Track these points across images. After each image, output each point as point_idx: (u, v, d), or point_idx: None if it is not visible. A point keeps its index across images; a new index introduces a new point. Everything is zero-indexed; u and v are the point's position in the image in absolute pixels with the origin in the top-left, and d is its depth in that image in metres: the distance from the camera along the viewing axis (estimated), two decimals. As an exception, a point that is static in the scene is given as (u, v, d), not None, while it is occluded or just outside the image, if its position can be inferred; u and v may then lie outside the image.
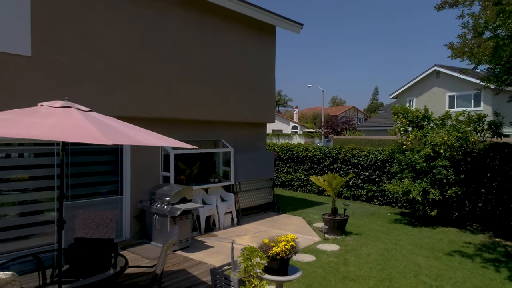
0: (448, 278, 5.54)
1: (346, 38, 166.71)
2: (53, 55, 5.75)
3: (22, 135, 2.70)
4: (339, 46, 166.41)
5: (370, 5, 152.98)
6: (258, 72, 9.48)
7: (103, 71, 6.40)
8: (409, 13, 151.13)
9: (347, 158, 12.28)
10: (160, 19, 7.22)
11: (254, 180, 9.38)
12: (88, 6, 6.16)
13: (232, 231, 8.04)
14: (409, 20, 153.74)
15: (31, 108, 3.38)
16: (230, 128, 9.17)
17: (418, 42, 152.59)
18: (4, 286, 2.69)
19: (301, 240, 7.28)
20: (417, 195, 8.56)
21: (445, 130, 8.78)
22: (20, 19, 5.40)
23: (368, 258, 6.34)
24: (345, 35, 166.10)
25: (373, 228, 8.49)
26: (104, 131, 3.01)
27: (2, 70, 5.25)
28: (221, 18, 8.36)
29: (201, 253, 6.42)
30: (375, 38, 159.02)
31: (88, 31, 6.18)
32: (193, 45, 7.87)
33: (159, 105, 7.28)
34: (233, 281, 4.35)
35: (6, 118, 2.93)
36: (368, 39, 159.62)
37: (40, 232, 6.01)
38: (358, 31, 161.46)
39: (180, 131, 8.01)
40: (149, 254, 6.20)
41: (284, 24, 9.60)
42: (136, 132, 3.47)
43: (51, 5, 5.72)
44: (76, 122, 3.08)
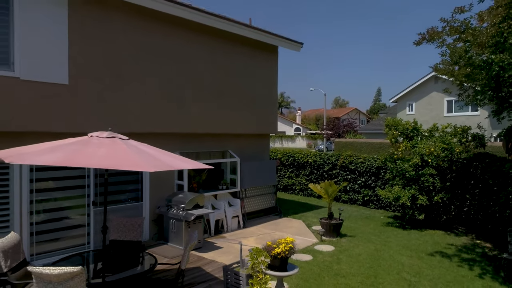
0: (426, 275, 6.42)
1: (347, 38, 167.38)
2: (85, 83, 6.69)
3: (86, 164, 3.62)
4: (339, 46, 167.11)
5: (370, 5, 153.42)
6: (261, 87, 10.38)
7: (125, 94, 7.32)
8: (409, 12, 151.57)
9: (345, 165, 13.14)
10: (175, 47, 8.14)
11: (258, 187, 10.28)
12: (110, 43, 7.08)
13: (239, 233, 8.95)
14: (410, 19, 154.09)
15: (85, 138, 4.29)
16: (237, 139, 10.07)
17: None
18: (75, 277, 3.61)
19: (300, 242, 8.21)
20: (406, 200, 9.44)
21: (432, 142, 9.64)
22: (60, 55, 6.34)
23: (358, 258, 7.22)
24: (345, 35, 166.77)
25: (366, 230, 9.37)
26: (145, 159, 3.92)
27: (50, 97, 6.20)
28: (229, 41, 9.27)
29: (212, 253, 7.33)
30: (376, 38, 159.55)
31: (113, 61, 7.11)
32: (204, 65, 8.78)
33: (173, 121, 8.20)
34: (241, 277, 5.26)
35: (72, 149, 3.84)
36: (369, 39, 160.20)
37: (75, 234, 6.94)
38: (358, 31, 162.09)
39: (192, 143, 8.93)
40: (167, 254, 7.12)
41: (285, 44, 10.50)
42: (167, 157, 4.37)
43: (82, 42, 6.65)
44: (122, 152, 3.99)
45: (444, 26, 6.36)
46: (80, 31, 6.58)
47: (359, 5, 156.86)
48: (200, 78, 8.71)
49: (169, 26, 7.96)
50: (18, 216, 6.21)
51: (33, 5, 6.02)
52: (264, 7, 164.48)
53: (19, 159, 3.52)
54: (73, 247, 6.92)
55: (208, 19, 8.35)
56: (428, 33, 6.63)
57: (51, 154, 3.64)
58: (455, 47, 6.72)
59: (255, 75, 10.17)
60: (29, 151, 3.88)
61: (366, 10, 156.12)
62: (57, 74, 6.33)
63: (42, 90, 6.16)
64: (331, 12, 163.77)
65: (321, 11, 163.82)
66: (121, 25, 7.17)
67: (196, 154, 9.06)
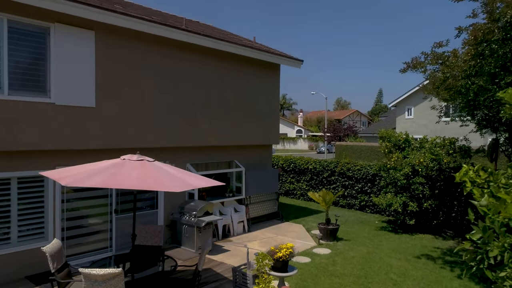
0: (411, 275, 7.25)
1: (347, 38, 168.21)
2: (109, 105, 7.57)
3: (124, 186, 4.48)
4: (340, 45, 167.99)
5: (370, 4, 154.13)
6: (264, 102, 11.24)
7: (143, 113, 8.19)
8: (410, 11, 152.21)
9: (343, 171, 13.97)
10: (186, 69, 9.01)
11: (262, 194, 11.14)
12: (130, 68, 7.96)
13: (244, 237, 9.80)
14: (410, 18, 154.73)
15: (119, 161, 5.14)
16: (242, 150, 10.92)
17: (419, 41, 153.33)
18: (116, 277, 4.47)
19: (300, 245, 9.06)
20: (398, 207, 10.27)
21: (422, 153, 10.47)
22: (88, 82, 7.22)
23: (352, 260, 8.07)
24: (346, 34, 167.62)
25: (361, 234, 10.21)
26: (170, 180, 4.78)
27: (80, 118, 7.08)
28: (234, 61, 10.13)
29: (221, 255, 8.18)
30: (376, 37, 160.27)
31: (132, 83, 7.98)
32: (212, 83, 9.63)
33: (185, 136, 9.06)
34: (248, 277, 6.11)
35: (111, 172, 4.70)
36: (369, 39, 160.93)
37: (99, 239, 7.82)
38: (359, 31, 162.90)
39: (202, 155, 9.79)
40: (181, 256, 7.99)
41: (287, 62, 11.37)
42: (187, 176, 5.23)
43: (106, 69, 7.52)
44: (151, 174, 4.85)
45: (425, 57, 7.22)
46: (104, 59, 7.45)
47: (360, 4, 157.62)
48: (209, 96, 9.57)
49: (182, 50, 8.82)
50: (52, 223, 7.09)
51: (66, 39, 6.89)
52: (264, 7, 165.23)
53: (74, 182, 4.38)
54: (97, 250, 7.80)
55: (217, 44, 9.21)
56: (412, 63, 7.48)
57: (97, 177, 4.50)
58: (435, 76, 7.55)
59: (259, 90, 11.02)
60: (76, 173, 4.75)
61: (367, 9, 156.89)
62: (85, 98, 7.20)
63: (73, 113, 7.04)
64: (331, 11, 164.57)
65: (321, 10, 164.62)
66: (140, 52, 8.04)
67: (205, 165, 9.93)
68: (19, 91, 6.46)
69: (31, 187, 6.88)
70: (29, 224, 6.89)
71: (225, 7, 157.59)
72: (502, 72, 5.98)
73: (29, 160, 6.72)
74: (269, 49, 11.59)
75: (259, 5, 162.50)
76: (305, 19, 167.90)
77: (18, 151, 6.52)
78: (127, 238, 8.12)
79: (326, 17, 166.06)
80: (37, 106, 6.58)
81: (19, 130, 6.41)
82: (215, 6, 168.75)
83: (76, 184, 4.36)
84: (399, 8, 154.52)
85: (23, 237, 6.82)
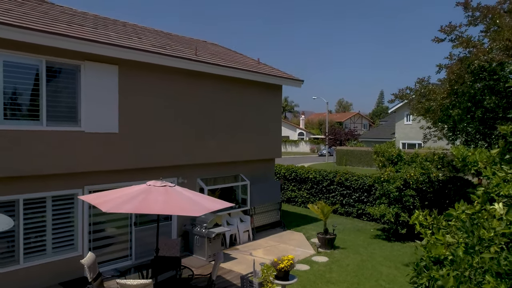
0: (399, 282, 8.16)
1: (348, 38, 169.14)
2: (130, 130, 8.51)
3: (153, 211, 5.41)
4: (341, 45, 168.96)
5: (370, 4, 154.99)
6: (268, 119, 12.16)
7: (157, 134, 9.13)
8: (410, 11, 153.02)
9: (341, 181, 14.88)
10: (197, 93, 9.94)
11: (265, 204, 12.06)
12: (147, 95, 8.90)
13: (249, 245, 10.73)
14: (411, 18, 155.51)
15: (146, 187, 6.06)
16: (247, 164, 11.85)
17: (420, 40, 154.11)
18: (146, 286, 5.40)
19: (300, 253, 9.98)
20: (391, 217, 11.17)
21: (412, 167, 11.37)
22: (112, 110, 8.17)
23: (347, 268, 8.98)
24: (346, 34, 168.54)
25: (357, 243, 11.11)
26: (190, 205, 5.70)
27: (105, 143, 8.03)
28: (240, 84, 11.06)
29: (229, 263, 9.11)
30: (377, 37, 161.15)
31: (148, 108, 8.92)
32: (220, 105, 10.56)
33: (197, 155, 9.99)
34: (255, 284, 7.03)
35: (142, 198, 5.62)
36: (370, 38, 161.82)
37: (120, 248, 8.77)
38: (359, 30, 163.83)
39: (210, 171, 10.72)
40: (193, 264, 8.92)
41: (288, 82, 12.30)
42: (203, 199, 6.15)
43: (127, 98, 8.47)
44: (173, 199, 5.77)
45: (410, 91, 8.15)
46: (126, 89, 8.39)
47: (360, 3, 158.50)
48: (216, 117, 10.49)
49: (193, 77, 9.75)
50: (81, 235, 8.04)
51: (94, 74, 7.84)
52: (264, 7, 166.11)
53: (112, 208, 5.30)
54: (119, 258, 8.75)
55: (224, 70, 10.14)
56: (399, 94, 8.40)
57: (131, 203, 5.43)
58: (419, 107, 8.47)
59: (263, 108, 11.94)
60: (111, 198, 5.68)
61: (367, 9, 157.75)
62: (110, 125, 8.15)
63: (99, 139, 7.99)
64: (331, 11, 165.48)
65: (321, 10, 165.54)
66: (156, 80, 8.98)
67: (213, 179, 10.87)
68: (55, 122, 7.42)
69: (63, 204, 7.83)
70: (61, 236, 7.84)
71: (225, 7, 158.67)
72: (473, 108, 6.88)
73: (61, 181, 7.67)
74: (272, 70, 12.52)
75: (260, 5, 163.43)
76: (306, 18, 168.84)
77: (53, 174, 7.47)
78: (145, 247, 9.07)
79: (326, 16, 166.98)
80: (70, 135, 7.53)
81: (54, 156, 7.36)
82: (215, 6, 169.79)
83: (115, 210, 5.29)
84: (400, 8, 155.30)
85: (56, 248, 7.77)
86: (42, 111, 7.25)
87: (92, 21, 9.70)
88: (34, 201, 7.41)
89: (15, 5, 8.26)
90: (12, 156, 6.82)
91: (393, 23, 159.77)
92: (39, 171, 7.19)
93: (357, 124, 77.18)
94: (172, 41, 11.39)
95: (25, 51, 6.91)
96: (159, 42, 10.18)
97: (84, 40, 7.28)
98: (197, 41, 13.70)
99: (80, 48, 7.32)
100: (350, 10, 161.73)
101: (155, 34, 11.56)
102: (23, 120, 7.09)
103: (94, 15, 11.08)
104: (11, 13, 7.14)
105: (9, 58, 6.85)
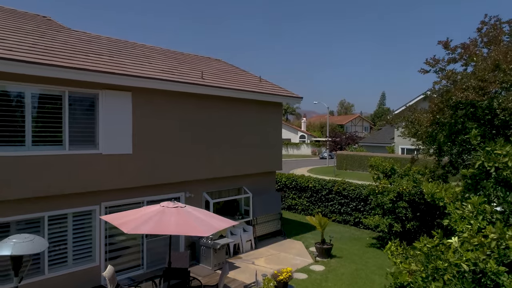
0: (389, 290, 8.89)
1: (348, 37, 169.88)
2: (142, 151, 9.28)
3: (168, 232, 6.16)
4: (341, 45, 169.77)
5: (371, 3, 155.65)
6: (269, 134, 12.91)
7: (167, 153, 9.90)
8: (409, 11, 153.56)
9: (339, 191, 15.61)
10: (203, 113, 10.70)
11: (267, 215, 12.81)
12: (158, 118, 9.67)
13: (251, 254, 11.48)
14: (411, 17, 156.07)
15: (160, 208, 6.82)
16: (249, 177, 12.60)
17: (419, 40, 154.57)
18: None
19: (299, 262, 10.73)
20: (384, 228, 11.90)
21: (405, 180, 12.09)
22: (126, 133, 8.94)
23: (342, 277, 9.72)
24: (347, 34, 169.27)
25: (352, 252, 11.85)
26: (200, 224, 6.46)
27: (120, 164, 8.81)
28: (242, 103, 11.82)
29: (233, 272, 9.86)
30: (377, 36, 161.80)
31: (159, 130, 9.68)
32: (224, 123, 11.31)
33: (202, 170, 10.75)
34: (257, 293, 7.80)
35: (157, 219, 6.37)
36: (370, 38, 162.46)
37: (133, 259, 9.54)
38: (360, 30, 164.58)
39: (215, 185, 11.48)
40: (200, 273, 9.69)
41: (288, 99, 13.05)
42: (212, 219, 6.89)
43: (139, 121, 9.24)
44: (185, 219, 6.53)
45: (398, 117, 8.93)
46: (138, 113, 9.16)
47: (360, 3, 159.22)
48: (221, 134, 11.26)
49: (198, 99, 10.52)
50: (98, 247, 8.81)
51: (110, 101, 8.61)
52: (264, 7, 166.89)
53: (133, 230, 6.06)
54: (132, 267, 9.52)
55: (228, 92, 10.90)
56: (389, 120, 9.16)
57: (148, 224, 6.19)
58: (409, 131, 9.24)
59: (264, 124, 12.70)
60: (131, 219, 6.45)
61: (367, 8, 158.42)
62: (124, 147, 8.92)
63: (115, 160, 8.76)
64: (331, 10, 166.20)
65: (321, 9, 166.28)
66: (165, 103, 9.75)
67: (218, 192, 11.63)
68: (76, 146, 8.20)
69: (82, 219, 8.61)
70: (81, 248, 8.62)
71: (226, 7, 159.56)
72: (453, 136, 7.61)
73: (81, 199, 8.44)
74: (273, 87, 13.27)
75: (261, 4, 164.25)
76: (306, 17, 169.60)
77: (74, 193, 8.24)
78: (155, 257, 9.85)
79: (326, 15, 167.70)
80: (89, 157, 8.31)
81: (75, 176, 8.14)
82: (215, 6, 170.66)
83: (135, 231, 6.06)
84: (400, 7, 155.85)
85: (76, 260, 8.54)
86: (65, 136, 8.04)
87: (107, 47, 10.47)
88: (57, 217, 8.19)
89: (38, 35, 9.04)
90: (39, 178, 7.60)
91: (393, 22, 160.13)
92: (62, 191, 7.97)
93: (358, 127, 77.93)
94: (179, 62, 12.16)
95: (50, 84, 7.69)
96: (167, 65, 10.95)
97: (103, 72, 8.06)
98: (201, 59, 14.46)
99: (99, 79, 8.10)
100: (352, 10, 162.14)
101: (163, 55, 12.33)
102: (49, 146, 7.88)
103: (107, 38, 11.87)
104: (36, 48, 7.91)
105: (36, 90, 7.64)
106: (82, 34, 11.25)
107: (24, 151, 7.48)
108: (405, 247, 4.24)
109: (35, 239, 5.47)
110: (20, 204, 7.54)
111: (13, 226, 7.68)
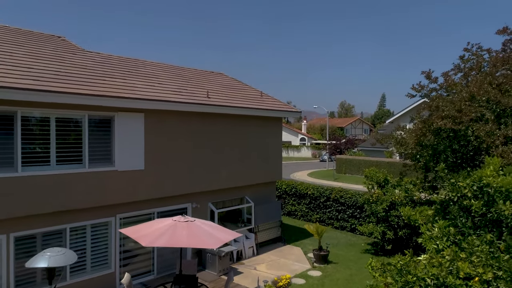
0: (379, 295, 9.69)
1: (349, 37, 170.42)
2: (154, 166, 10.11)
3: (180, 245, 6.98)
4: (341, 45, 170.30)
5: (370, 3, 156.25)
6: (270, 146, 13.73)
7: (178, 169, 10.72)
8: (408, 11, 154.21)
9: (337, 198, 16.42)
10: (208, 128, 11.53)
11: (268, 222, 13.64)
12: (168, 134, 10.50)
13: (253, 259, 12.30)
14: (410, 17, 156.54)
15: (172, 222, 7.63)
16: (251, 187, 13.42)
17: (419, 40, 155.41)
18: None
19: (298, 268, 11.55)
20: (378, 235, 12.71)
21: (398, 190, 12.90)
22: (139, 151, 9.77)
23: (337, 281, 10.53)
24: (347, 34, 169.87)
25: (348, 257, 12.65)
26: (208, 237, 7.28)
27: (134, 179, 9.64)
28: (245, 118, 12.64)
29: (236, 277, 10.67)
30: (377, 36, 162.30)
31: (169, 147, 10.51)
32: (228, 137, 12.14)
33: (208, 183, 11.58)
34: (259, 298, 8.62)
35: (170, 233, 7.18)
36: (370, 37, 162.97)
37: (144, 265, 10.37)
38: (361, 30, 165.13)
39: (219, 195, 12.31)
40: (206, 278, 10.51)
41: (288, 114, 13.92)
42: (218, 231, 7.70)
43: (151, 139, 10.07)
44: (194, 233, 7.34)
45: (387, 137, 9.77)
46: (150, 132, 9.99)
47: (360, 3, 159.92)
48: (225, 148, 12.08)
49: (205, 116, 11.35)
50: (114, 254, 9.64)
51: (124, 121, 9.44)
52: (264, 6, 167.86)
53: (150, 243, 6.88)
54: (144, 273, 10.35)
55: (234, 110, 11.73)
56: (379, 139, 10.00)
57: (163, 238, 7.00)
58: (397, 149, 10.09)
59: (265, 137, 13.52)
60: (147, 233, 7.27)
61: (367, 8, 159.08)
62: (137, 163, 9.76)
63: (129, 176, 9.59)
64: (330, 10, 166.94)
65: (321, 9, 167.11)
66: (174, 122, 10.58)
67: (222, 202, 12.46)
68: (94, 163, 9.03)
69: (99, 230, 9.45)
70: (98, 256, 9.45)
71: (226, 6, 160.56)
72: (436, 156, 8.42)
73: (98, 212, 9.27)
74: (274, 102, 14.09)
75: (261, 4, 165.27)
76: (306, 17, 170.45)
77: (92, 207, 9.08)
78: (165, 263, 10.68)
79: (326, 15, 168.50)
80: (106, 174, 9.15)
81: (94, 192, 8.97)
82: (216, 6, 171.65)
83: (152, 245, 6.88)
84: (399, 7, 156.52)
85: (94, 267, 9.38)
86: (85, 155, 8.87)
87: (119, 68, 11.30)
88: (77, 229, 9.02)
89: (59, 61, 9.86)
90: (62, 194, 8.44)
91: (393, 22, 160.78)
92: (82, 205, 8.80)
93: (358, 129, 78.73)
94: (185, 80, 12.99)
95: (72, 109, 8.52)
96: (176, 84, 11.78)
97: (119, 98, 8.89)
98: (204, 74, 15.29)
99: (115, 104, 8.94)
100: (351, 10, 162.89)
101: (170, 73, 13.16)
102: (70, 164, 8.71)
103: (118, 58, 12.70)
104: (60, 76, 8.74)
105: (60, 115, 8.47)
106: (96, 55, 12.09)
107: (49, 170, 8.31)
108: (383, 263, 5.05)
109: (67, 252, 6.30)
110: (45, 217, 8.38)
111: (39, 237, 8.51)
